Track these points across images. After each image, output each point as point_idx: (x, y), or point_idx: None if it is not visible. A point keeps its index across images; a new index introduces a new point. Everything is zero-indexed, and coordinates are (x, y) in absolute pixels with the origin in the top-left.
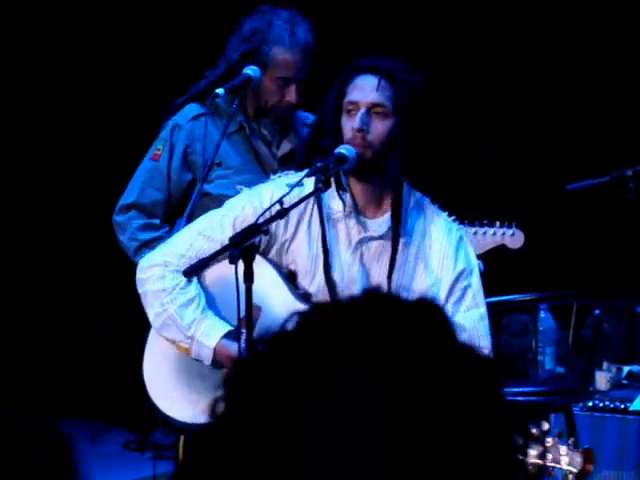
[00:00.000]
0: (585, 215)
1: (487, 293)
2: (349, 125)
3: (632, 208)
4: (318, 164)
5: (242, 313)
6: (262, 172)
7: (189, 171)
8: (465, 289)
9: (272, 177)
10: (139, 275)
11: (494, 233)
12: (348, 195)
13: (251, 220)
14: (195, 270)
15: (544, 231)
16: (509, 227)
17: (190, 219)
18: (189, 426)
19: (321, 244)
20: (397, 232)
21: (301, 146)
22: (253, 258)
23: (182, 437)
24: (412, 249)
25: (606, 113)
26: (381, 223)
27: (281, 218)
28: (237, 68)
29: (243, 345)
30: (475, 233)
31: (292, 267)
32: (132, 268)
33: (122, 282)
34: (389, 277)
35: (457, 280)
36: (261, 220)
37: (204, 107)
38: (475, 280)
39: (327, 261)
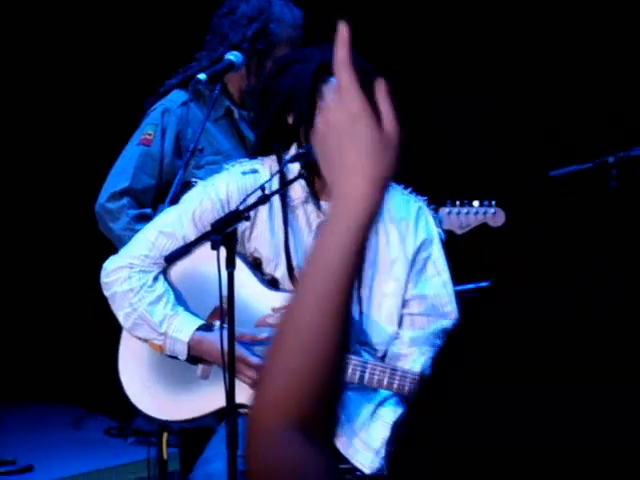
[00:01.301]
0: (568, 201)
1: (465, 279)
2: None
3: (614, 195)
4: (300, 150)
5: (217, 302)
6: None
7: (180, 157)
8: (426, 259)
9: (225, 166)
10: (104, 279)
11: (476, 212)
12: (303, 181)
13: (210, 213)
14: (176, 257)
15: (526, 214)
16: (490, 206)
17: (172, 205)
18: (169, 423)
19: (283, 231)
20: None
21: (259, 135)
22: (235, 244)
23: (165, 433)
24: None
25: (590, 99)
26: None
27: (263, 204)
28: (247, 48)
29: (219, 332)
30: (458, 213)
31: (256, 255)
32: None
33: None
34: None
35: (418, 251)
36: (242, 206)
37: (189, 93)
38: (436, 249)
39: (288, 248)
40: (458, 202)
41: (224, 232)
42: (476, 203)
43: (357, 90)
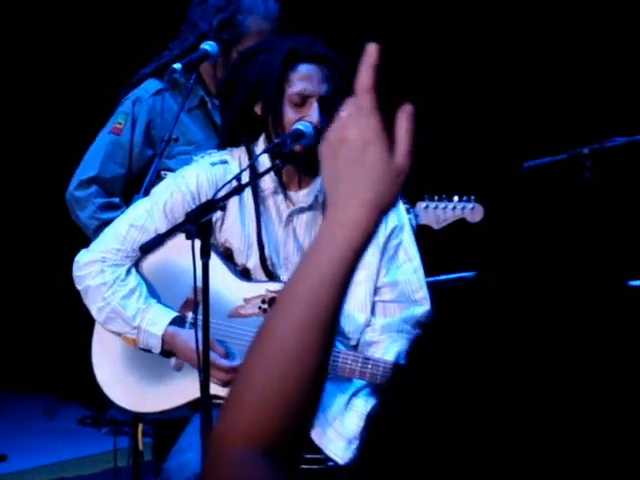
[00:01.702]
0: (542, 193)
1: (440, 269)
2: (295, 116)
3: (588, 187)
4: (275, 140)
5: (189, 293)
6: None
7: (150, 147)
8: (397, 246)
9: (194, 158)
10: (77, 273)
11: (454, 207)
12: (272, 172)
13: (181, 204)
14: (151, 246)
15: (502, 208)
16: (468, 201)
17: (147, 195)
18: (143, 415)
19: (255, 222)
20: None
21: (225, 126)
22: (210, 234)
23: (140, 424)
24: None
25: (565, 91)
26: (307, 194)
27: (238, 194)
28: (212, 39)
29: (190, 328)
30: (435, 207)
31: (227, 245)
32: (89, 242)
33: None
34: None
35: (389, 238)
36: (218, 195)
37: (164, 82)
38: (406, 235)
39: (261, 239)
40: (436, 197)
41: (199, 222)
42: (456, 198)
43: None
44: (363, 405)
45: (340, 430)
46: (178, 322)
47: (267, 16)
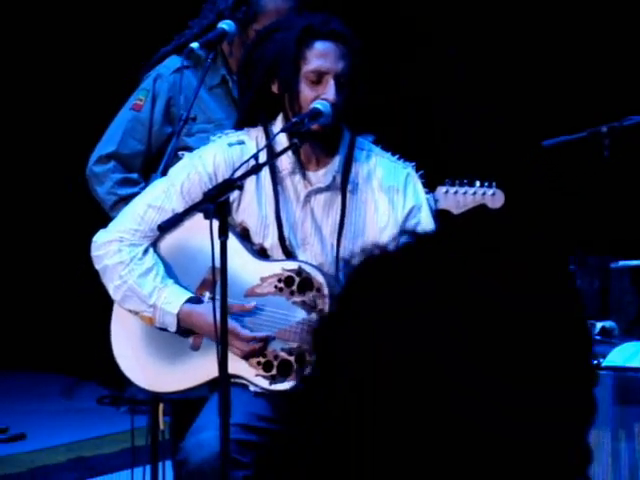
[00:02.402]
0: (561, 171)
1: None
2: (312, 94)
3: (607, 165)
4: (293, 119)
5: (206, 273)
6: None
7: (170, 124)
8: (415, 226)
9: (212, 138)
10: (95, 252)
11: (474, 193)
12: (290, 152)
13: (197, 185)
14: (169, 226)
15: (520, 187)
16: (489, 187)
17: (164, 174)
18: (161, 395)
19: (274, 203)
20: (346, 179)
21: (243, 106)
22: (229, 213)
23: (161, 403)
24: (360, 195)
25: (582, 69)
26: (325, 173)
27: (256, 173)
28: (228, 17)
29: (208, 304)
30: (455, 192)
31: (244, 225)
32: (107, 221)
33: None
34: (340, 225)
35: (407, 218)
36: (236, 175)
37: (184, 60)
38: (424, 215)
39: (279, 219)
40: (457, 181)
41: (217, 201)
42: (477, 183)
43: None
44: None
45: None
46: (194, 301)
47: None
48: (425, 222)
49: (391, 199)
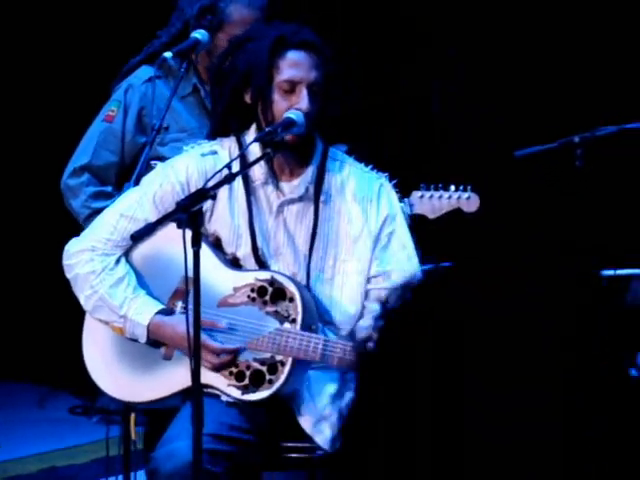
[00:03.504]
0: (533, 181)
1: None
2: (285, 104)
3: (580, 175)
4: (266, 129)
5: (179, 282)
6: None
7: (142, 134)
8: (390, 234)
9: (184, 148)
10: (67, 261)
11: (449, 197)
12: (262, 162)
13: (170, 195)
14: (142, 235)
15: (496, 196)
16: (464, 191)
17: (137, 184)
18: (133, 404)
19: (247, 213)
20: (319, 190)
21: (215, 116)
22: (201, 223)
23: (132, 413)
24: (333, 205)
25: (555, 79)
26: (297, 185)
27: (229, 183)
28: (193, 26)
29: (179, 316)
30: (431, 197)
31: (217, 235)
32: (80, 231)
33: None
34: (312, 236)
35: (382, 227)
36: (209, 185)
37: (156, 69)
38: (399, 223)
39: (253, 229)
40: (432, 186)
41: (190, 211)
42: (452, 188)
43: None
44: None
45: (330, 419)
46: (165, 313)
47: (251, 5)
48: (400, 232)
49: (364, 209)
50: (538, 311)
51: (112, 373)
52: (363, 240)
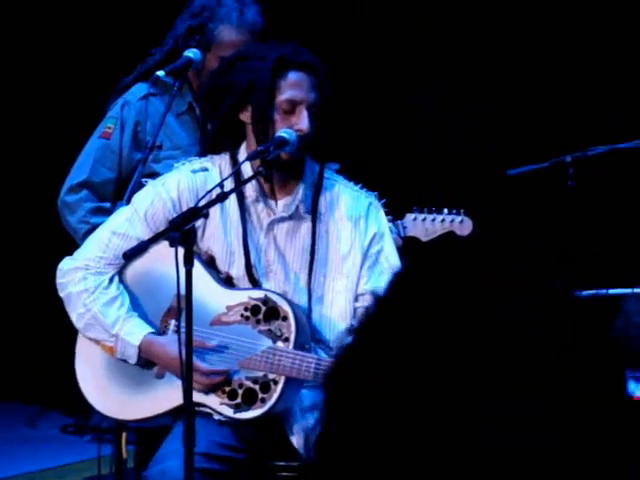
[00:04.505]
0: (526, 200)
1: None
2: (284, 123)
3: (572, 194)
4: (259, 148)
5: (172, 301)
6: None
7: (138, 150)
8: (378, 253)
9: (175, 165)
10: (60, 280)
11: (442, 220)
12: (254, 180)
13: (162, 212)
14: (135, 253)
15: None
16: (458, 214)
17: (129, 202)
18: (125, 422)
19: (240, 230)
20: (316, 209)
21: (208, 133)
22: (194, 242)
23: (124, 432)
24: (322, 224)
25: (547, 99)
26: (288, 203)
27: (221, 201)
28: (182, 44)
29: (172, 334)
30: (424, 219)
31: (210, 253)
32: (71, 249)
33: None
34: (312, 252)
35: (370, 245)
36: (202, 203)
37: (150, 87)
38: (387, 243)
39: (247, 246)
40: (426, 209)
41: (182, 229)
42: (445, 211)
43: None
44: None
45: None
46: (157, 335)
47: (240, 27)
48: (387, 250)
49: (354, 227)
50: (533, 319)
51: (104, 391)
52: (352, 258)
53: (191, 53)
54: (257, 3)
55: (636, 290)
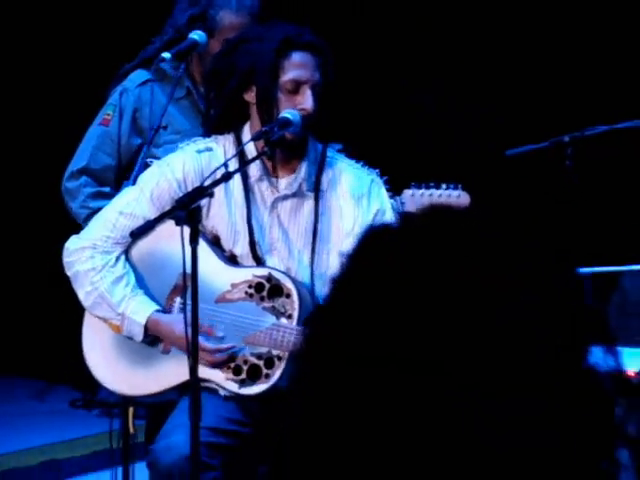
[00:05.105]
0: (524, 180)
1: None
2: (289, 103)
3: (570, 174)
4: (263, 128)
5: (178, 279)
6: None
7: (138, 135)
8: None
9: (180, 145)
10: (67, 258)
11: (440, 195)
12: (258, 160)
13: (167, 192)
14: (141, 232)
15: (486, 195)
16: (455, 189)
17: (135, 183)
18: (132, 398)
19: (244, 209)
20: (318, 187)
21: (213, 114)
22: (199, 220)
23: (131, 407)
24: (325, 201)
25: (545, 80)
26: (291, 181)
27: (226, 181)
28: (184, 32)
29: (179, 311)
30: (422, 195)
31: (214, 232)
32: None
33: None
34: (314, 229)
35: (373, 221)
36: (207, 182)
37: (151, 73)
38: (389, 218)
39: (251, 225)
40: (424, 185)
41: (188, 208)
42: (443, 186)
43: None
44: None
45: None
46: (163, 312)
47: (239, 10)
48: None
49: (357, 204)
50: (533, 319)
51: (111, 367)
52: (355, 234)
53: (196, 35)
54: None
55: (633, 267)
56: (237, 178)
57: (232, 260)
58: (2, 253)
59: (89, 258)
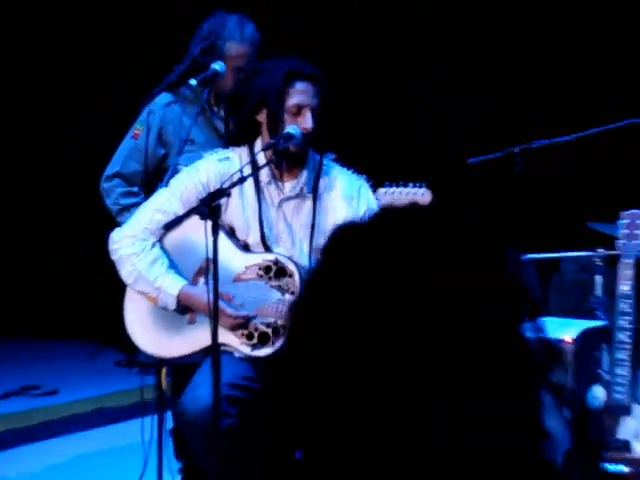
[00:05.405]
0: (481, 183)
1: None
2: (292, 123)
3: (519, 178)
4: (271, 141)
5: (202, 263)
6: (221, 145)
7: (162, 147)
8: None
9: (204, 155)
10: (112, 246)
11: (407, 192)
12: (267, 167)
13: (194, 194)
14: (172, 225)
15: (448, 194)
16: (420, 187)
17: (168, 184)
18: (165, 359)
19: (256, 207)
20: (316, 190)
21: (234, 130)
22: (219, 216)
23: (164, 367)
24: (322, 201)
25: (498, 102)
26: (294, 185)
27: (241, 184)
28: (199, 62)
29: (203, 287)
30: (392, 192)
31: (231, 225)
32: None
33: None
34: (312, 224)
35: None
36: (225, 185)
37: (174, 96)
38: None
39: (261, 221)
40: (394, 184)
41: (210, 206)
42: (411, 185)
43: None
44: None
45: None
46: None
47: (243, 41)
48: None
49: (348, 204)
50: (481, 302)
51: (148, 334)
52: None
53: (217, 65)
54: (253, 21)
55: (569, 254)
56: (250, 182)
57: (246, 248)
58: (57, 229)
59: (130, 245)
